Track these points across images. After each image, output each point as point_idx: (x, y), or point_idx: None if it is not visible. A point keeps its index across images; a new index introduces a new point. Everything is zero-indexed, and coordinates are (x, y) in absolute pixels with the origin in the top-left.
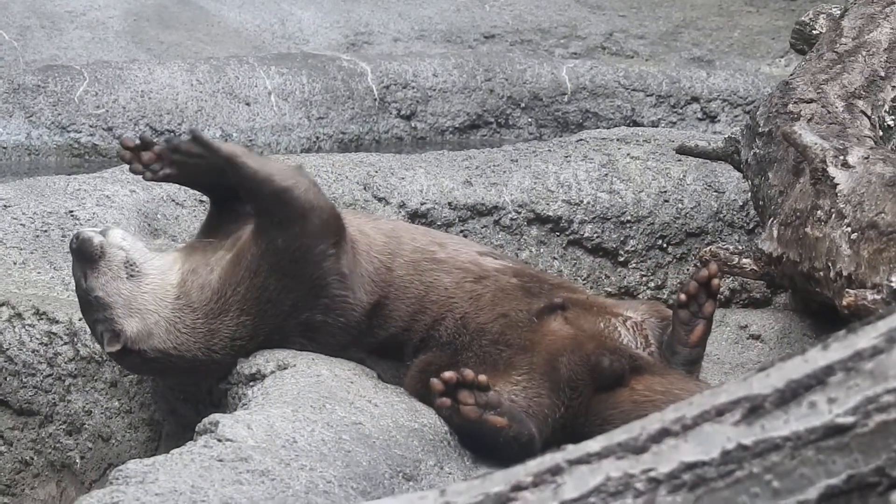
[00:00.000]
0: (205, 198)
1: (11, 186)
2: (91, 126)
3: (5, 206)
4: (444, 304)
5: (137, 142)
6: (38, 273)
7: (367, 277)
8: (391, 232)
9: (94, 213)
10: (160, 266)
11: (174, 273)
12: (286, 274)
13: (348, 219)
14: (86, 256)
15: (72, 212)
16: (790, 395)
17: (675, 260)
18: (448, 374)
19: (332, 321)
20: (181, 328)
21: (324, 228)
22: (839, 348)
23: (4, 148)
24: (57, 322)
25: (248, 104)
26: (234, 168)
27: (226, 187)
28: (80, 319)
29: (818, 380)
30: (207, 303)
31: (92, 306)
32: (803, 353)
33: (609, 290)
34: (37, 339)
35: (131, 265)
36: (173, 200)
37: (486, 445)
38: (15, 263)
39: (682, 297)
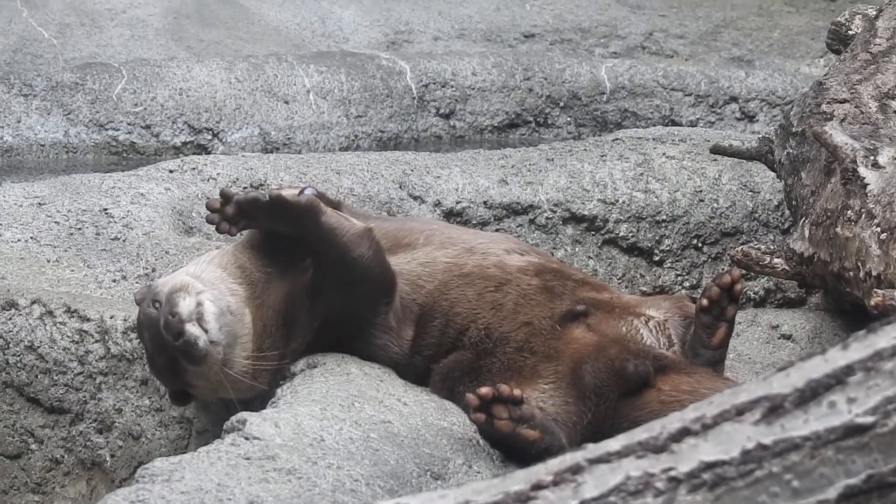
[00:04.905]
0: None
1: (46, 184)
2: (129, 124)
3: (40, 203)
4: (468, 316)
5: (221, 199)
6: (72, 271)
7: (409, 318)
8: (427, 258)
9: (128, 211)
10: (241, 337)
11: (249, 339)
12: (342, 325)
13: (394, 262)
14: (190, 359)
15: (106, 209)
16: (810, 394)
17: (710, 259)
18: (484, 390)
19: (377, 359)
20: (248, 387)
21: (379, 292)
22: (859, 348)
23: (42, 146)
24: (88, 320)
25: (286, 102)
26: (310, 223)
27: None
28: (111, 317)
29: (838, 379)
30: (274, 357)
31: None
32: (823, 353)
33: (644, 289)
34: (68, 336)
35: (227, 360)
36: (208, 198)
37: (517, 455)
38: (49, 261)
39: (704, 301)
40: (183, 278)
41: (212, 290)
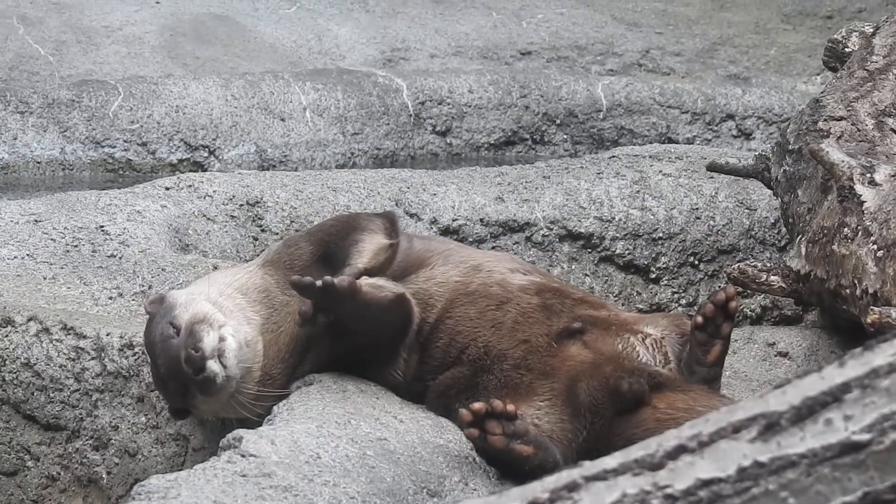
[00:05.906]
0: (236, 213)
1: (42, 201)
2: (125, 141)
3: (36, 220)
4: (469, 334)
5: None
6: (68, 288)
7: (418, 342)
8: (442, 278)
9: (124, 229)
10: (253, 366)
11: (259, 367)
12: (358, 358)
13: (413, 280)
14: (204, 391)
15: (102, 227)
16: (806, 412)
17: (706, 277)
18: (477, 406)
19: (377, 381)
20: (249, 412)
21: (398, 337)
22: (855, 365)
23: (39, 163)
24: (84, 337)
25: (282, 120)
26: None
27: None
28: (107, 335)
29: (834, 397)
30: (280, 384)
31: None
32: (819, 371)
33: (640, 306)
34: (64, 354)
35: (239, 392)
36: (204, 216)
37: (512, 471)
38: (45, 278)
39: (699, 319)
40: (204, 307)
41: (231, 320)
